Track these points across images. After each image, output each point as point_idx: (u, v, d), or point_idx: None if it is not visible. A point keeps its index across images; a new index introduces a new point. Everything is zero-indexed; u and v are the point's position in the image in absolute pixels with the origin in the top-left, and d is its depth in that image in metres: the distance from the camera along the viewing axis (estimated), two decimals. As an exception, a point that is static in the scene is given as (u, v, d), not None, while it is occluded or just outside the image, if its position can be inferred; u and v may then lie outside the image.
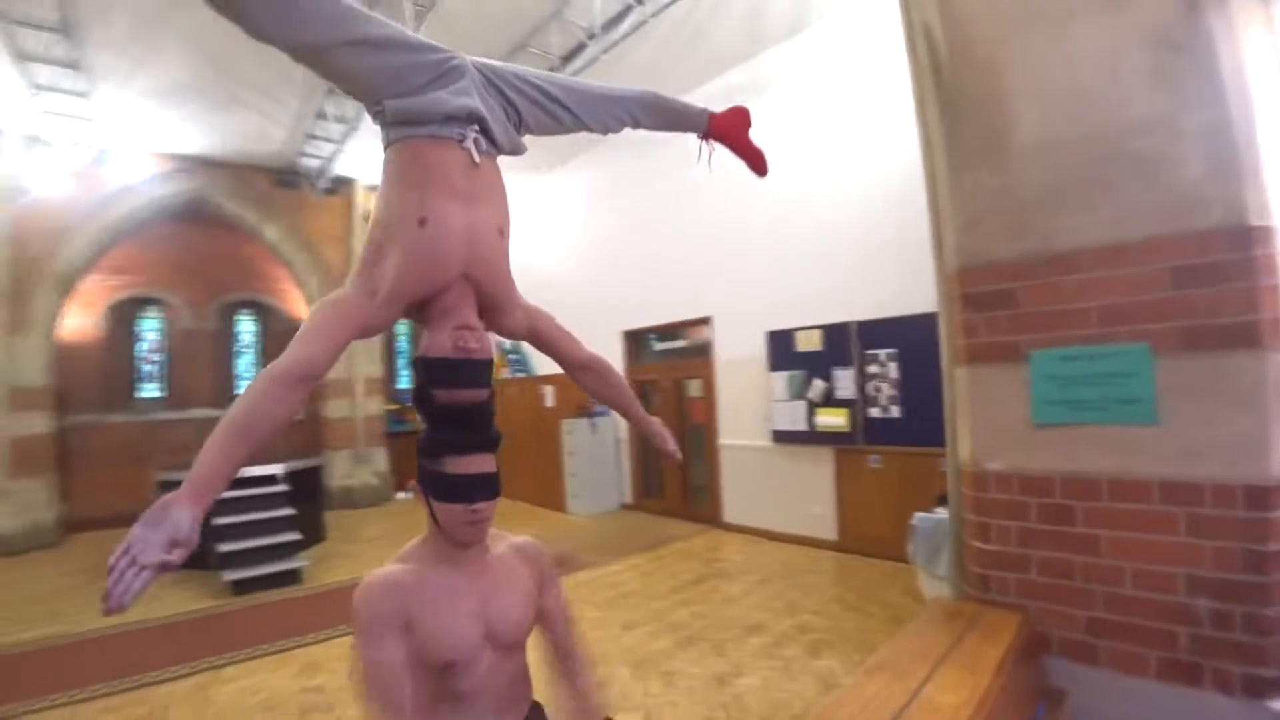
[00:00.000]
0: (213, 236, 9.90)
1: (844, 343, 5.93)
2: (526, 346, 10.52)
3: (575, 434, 8.45)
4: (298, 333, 1.20)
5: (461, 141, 1.32)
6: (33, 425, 7.74)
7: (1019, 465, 2.14)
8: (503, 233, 1.40)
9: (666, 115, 1.84)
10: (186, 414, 9.85)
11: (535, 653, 1.50)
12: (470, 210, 1.31)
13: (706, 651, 4.03)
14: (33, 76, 6.08)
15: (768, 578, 5.41)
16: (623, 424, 8.63)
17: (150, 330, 10.22)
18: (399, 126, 1.32)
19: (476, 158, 1.33)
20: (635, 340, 8.66)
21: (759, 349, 6.68)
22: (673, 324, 7.97)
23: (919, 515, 3.67)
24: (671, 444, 1.76)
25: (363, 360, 10.32)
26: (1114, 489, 1.95)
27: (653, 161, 7.99)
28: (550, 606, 1.46)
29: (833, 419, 6.00)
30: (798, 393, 6.29)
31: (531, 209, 10.78)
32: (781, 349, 6.47)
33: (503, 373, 10.68)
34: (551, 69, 6.51)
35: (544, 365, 10.17)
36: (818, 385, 6.13)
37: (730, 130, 1.95)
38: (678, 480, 8.00)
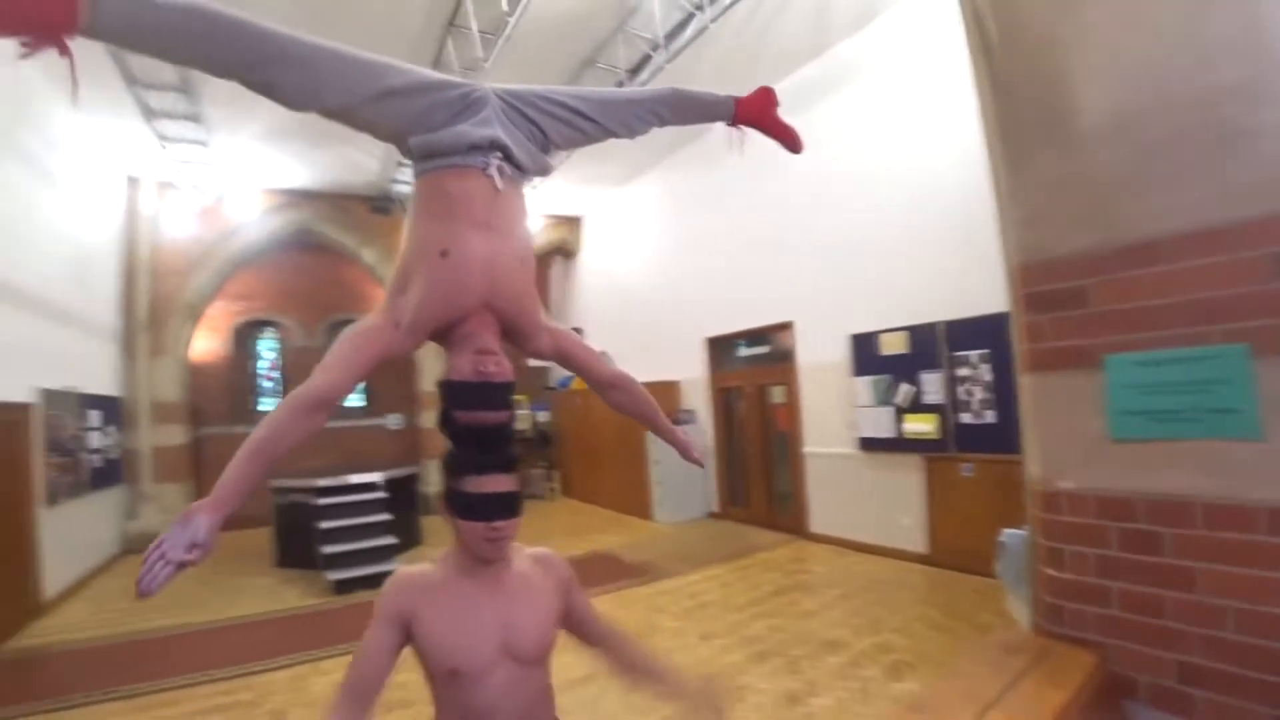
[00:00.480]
0: (318, 262, 10.73)
1: (931, 345, 5.58)
2: (614, 354, 10.64)
3: (660, 442, 8.38)
4: (323, 360, 1.28)
5: (484, 170, 1.36)
6: (171, 437, 8.71)
7: (1095, 485, 1.90)
8: (524, 261, 1.44)
9: (691, 108, 1.83)
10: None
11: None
12: (491, 241, 1.35)
13: (780, 668, 3.90)
14: (161, 131, 6.85)
15: (851, 592, 5.16)
16: (708, 432, 8.54)
17: (267, 349, 11.22)
18: (425, 160, 1.38)
19: (500, 185, 1.37)
20: (718, 347, 8.54)
21: (842, 353, 6.41)
22: (754, 330, 7.80)
23: (1007, 531, 3.37)
24: (695, 452, 1.80)
25: (457, 372, 10.77)
26: (1211, 515, 1.69)
27: (729, 169, 7.89)
28: (577, 607, 1.48)
29: (921, 425, 5.65)
30: (883, 398, 5.98)
31: (610, 220, 10.93)
32: (865, 353, 6.18)
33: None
34: (619, 83, 6.59)
35: (630, 373, 10.21)
36: (904, 390, 5.80)
37: (757, 112, 1.91)
38: (763, 489, 7.80)
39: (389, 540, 6.58)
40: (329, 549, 6.27)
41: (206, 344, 10.03)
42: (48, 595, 5.87)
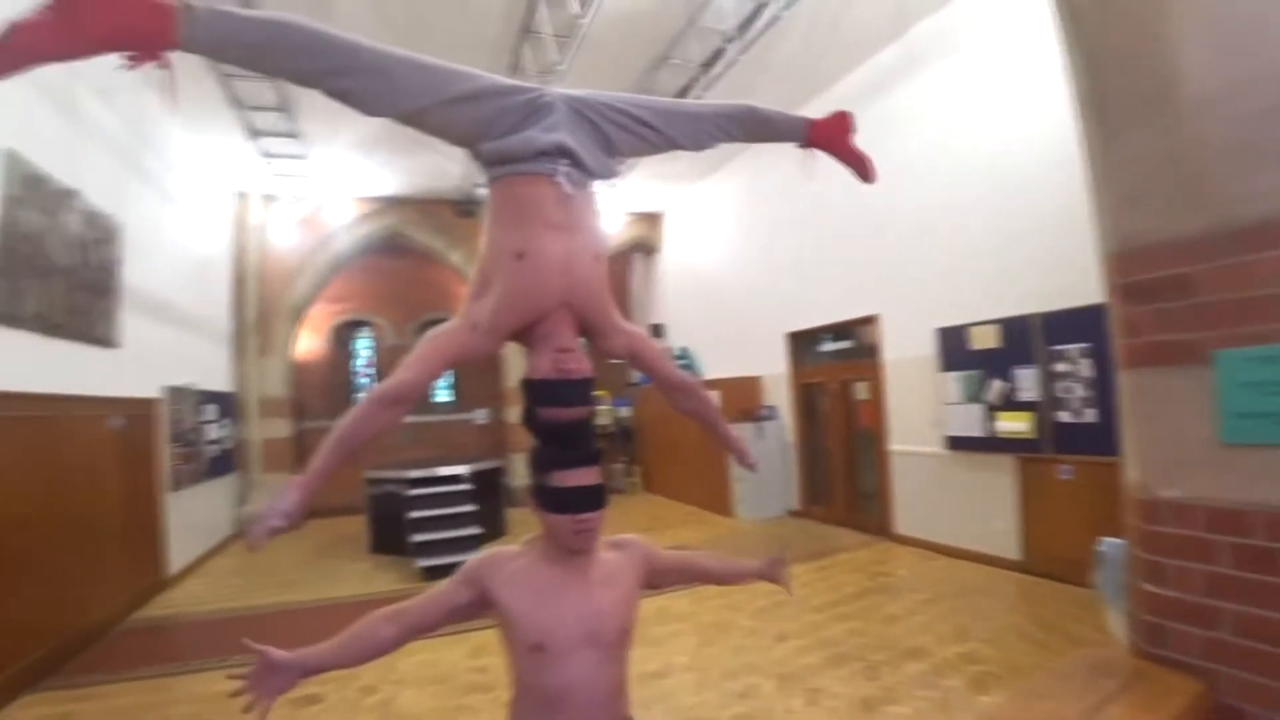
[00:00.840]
0: (408, 264, 11.28)
1: (1025, 338, 5.23)
2: (695, 349, 10.67)
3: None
4: (405, 358, 1.39)
5: (553, 176, 1.38)
6: (277, 430, 9.42)
7: (1204, 494, 1.72)
8: (598, 258, 1.47)
9: (761, 126, 1.85)
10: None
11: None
12: (566, 241, 1.38)
13: (858, 672, 3.77)
14: (264, 148, 7.41)
15: (937, 597, 4.93)
16: (790, 429, 8.40)
17: (363, 348, 11.92)
18: (496, 166, 1.42)
19: (569, 189, 1.39)
20: (800, 342, 8.35)
21: (929, 348, 6.11)
22: (837, 324, 7.57)
23: (1107, 540, 3.11)
24: (750, 457, 1.81)
25: (541, 366, 11.10)
26: (1343, 529, 1.49)
27: (793, 167, 7.73)
28: (660, 564, 1.54)
29: (1014, 424, 5.31)
30: (974, 395, 5.66)
31: (690, 215, 10.88)
32: (954, 347, 5.86)
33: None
34: (693, 79, 6.57)
35: (711, 369, 10.19)
36: (996, 386, 5.47)
37: (831, 137, 1.93)
38: (846, 488, 7.58)
39: (474, 530, 6.83)
40: (418, 537, 6.59)
41: (308, 343, 10.77)
42: (172, 571, 6.49)
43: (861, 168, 1.99)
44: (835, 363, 7.81)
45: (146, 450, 6.08)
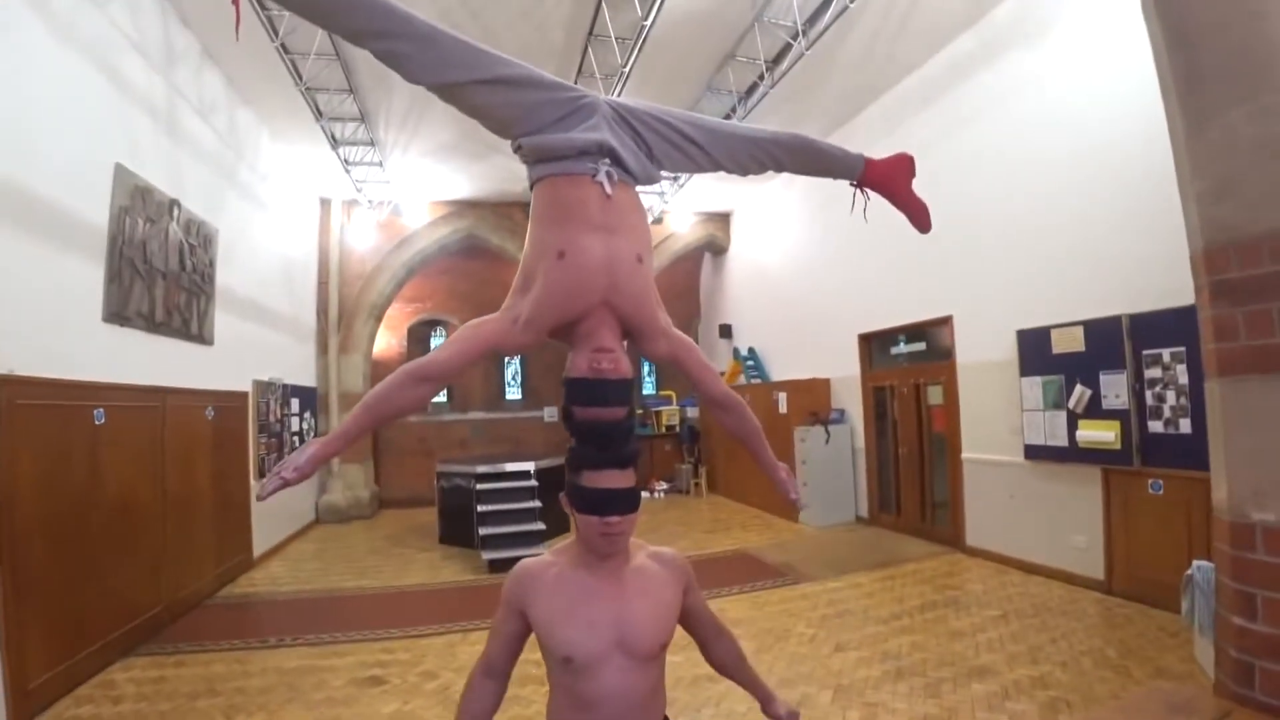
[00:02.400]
0: (482, 265, 11.63)
1: (1113, 341, 4.86)
2: (762, 351, 10.54)
3: (808, 441, 8.17)
4: (445, 340, 1.42)
5: (594, 175, 1.39)
6: (356, 424, 9.86)
7: (1303, 516, 1.55)
8: (641, 259, 1.44)
9: (815, 159, 1.79)
10: (465, 416, 11.76)
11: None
12: (609, 240, 1.38)
13: (918, 689, 3.60)
14: (345, 156, 7.81)
15: (1009, 614, 4.65)
16: (860, 433, 8.15)
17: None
18: (538, 165, 1.44)
19: (609, 190, 1.39)
20: (871, 343, 8.10)
21: (1008, 350, 5.77)
22: (910, 325, 7.28)
23: (1199, 564, 2.86)
24: (794, 492, 1.72)
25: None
26: None
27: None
28: (694, 606, 1.50)
29: (1099, 433, 4.95)
30: (1055, 401, 5.32)
31: (760, 214, 10.74)
32: (1035, 350, 5.52)
33: (738, 379, 10.78)
34: (760, 77, 6.48)
35: (779, 371, 10.01)
36: (1079, 393, 5.12)
37: (889, 180, 1.85)
38: (916, 496, 7.29)
39: (538, 526, 6.97)
40: (485, 530, 6.79)
41: (386, 341, 11.27)
42: (257, 553, 6.94)
43: (919, 216, 1.93)
44: (908, 365, 7.51)
45: (237, 439, 6.52)
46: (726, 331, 11.94)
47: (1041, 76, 5.46)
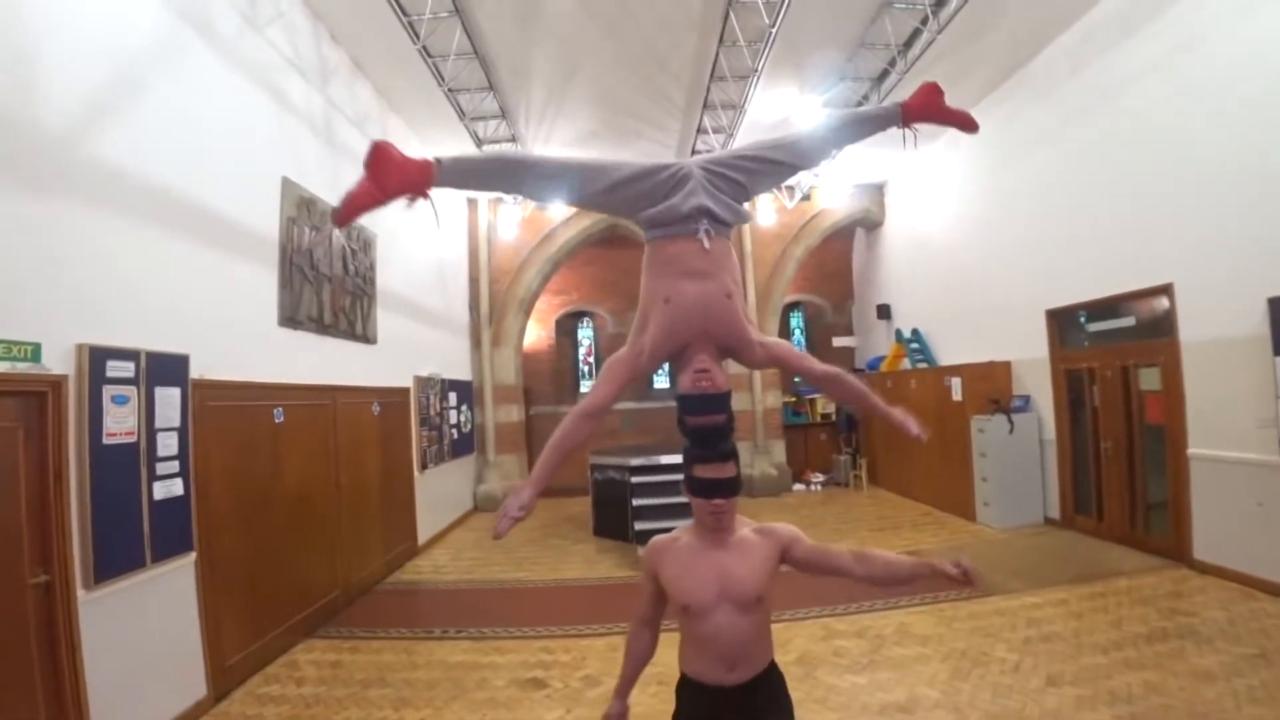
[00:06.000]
0: (625, 254, 11.55)
1: None
2: (927, 333, 9.55)
3: (988, 432, 7.20)
4: (594, 381, 1.88)
5: (694, 234, 1.77)
6: (510, 415, 10.29)
7: None
8: (730, 295, 1.80)
9: (860, 125, 2.10)
10: (615, 406, 11.81)
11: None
12: (702, 285, 1.76)
13: (1168, 746, 2.88)
14: (490, 154, 7.97)
15: (1269, 654, 3.66)
16: (1048, 423, 7.06)
17: (585, 337, 12.55)
18: (651, 229, 1.83)
19: (707, 245, 1.76)
20: (1062, 320, 6.94)
21: (1255, 324, 4.58)
22: (1113, 297, 6.09)
23: None
24: (915, 428, 1.89)
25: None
26: None
27: (1063, 101, 6.43)
28: (805, 555, 1.77)
29: None
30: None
31: (919, 181, 9.67)
32: (1295, 321, 4.33)
33: (901, 363, 9.86)
34: (892, 62, 6.27)
35: (948, 354, 8.99)
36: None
37: (927, 107, 2.11)
38: (1124, 496, 6.12)
39: (677, 529, 6.70)
40: (640, 525, 6.64)
41: (536, 334, 11.61)
42: (421, 541, 7.33)
43: (965, 123, 2.20)
44: (1112, 344, 6.30)
45: (401, 432, 6.90)
46: (884, 312, 10.96)
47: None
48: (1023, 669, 3.73)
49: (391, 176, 1.68)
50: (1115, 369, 6.18)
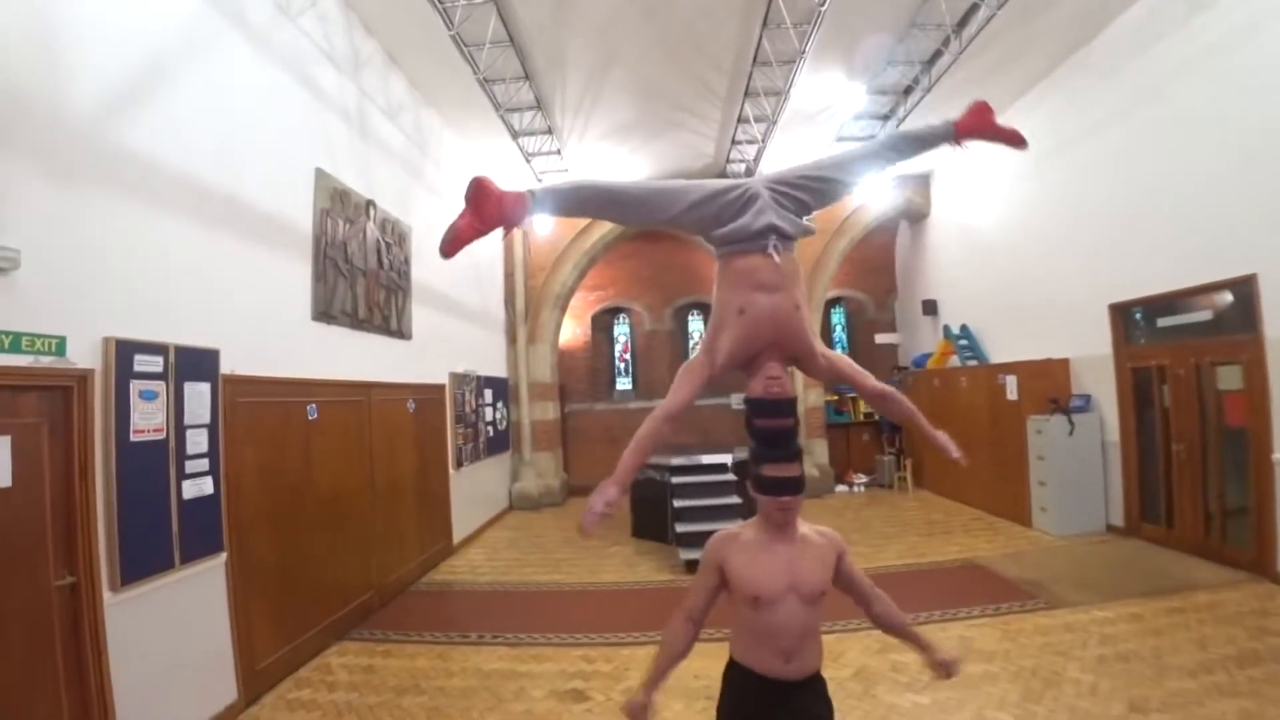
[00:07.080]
0: (663, 249, 11.38)
1: None
2: (976, 329, 9.12)
3: (1045, 433, 6.80)
4: (673, 385, 1.91)
5: (764, 250, 1.83)
6: (546, 412, 10.13)
7: None
8: (798, 307, 1.88)
9: (913, 143, 2.17)
10: (651, 403, 11.41)
11: None
12: (774, 297, 1.83)
13: (1278, 790, 2.55)
14: (525, 147, 7.82)
15: (1393, 683, 3.28)
16: (1111, 424, 6.63)
17: (621, 334, 12.34)
18: (723, 246, 1.90)
19: (778, 260, 1.83)
20: (1127, 314, 6.49)
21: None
22: (1189, 290, 5.65)
23: None
24: (955, 451, 1.99)
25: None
26: None
27: (1127, 80, 6.00)
28: (846, 571, 1.88)
29: None
30: None
31: (967, 170, 9.21)
32: None
33: (949, 360, 9.44)
34: (945, 43, 5.99)
35: (999, 351, 8.55)
36: None
37: (979, 125, 2.22)
38: (1198, 503, 5.67)
39: (735, 523, 6.42)
40: (681, 527, 6.36)
41: (571, 331, 11.45)
42: (456, 540, 7.20)
43: (1014, 140, 2.29)
44: (1184, 340, 5.85)
45: (436, 429, 6.79)
46: (931, 308, 10.50)
47: None
48: (1100, 692, 3.41)
49: (491, 208, 1.76)
50: (1189, 367, 5.73)
